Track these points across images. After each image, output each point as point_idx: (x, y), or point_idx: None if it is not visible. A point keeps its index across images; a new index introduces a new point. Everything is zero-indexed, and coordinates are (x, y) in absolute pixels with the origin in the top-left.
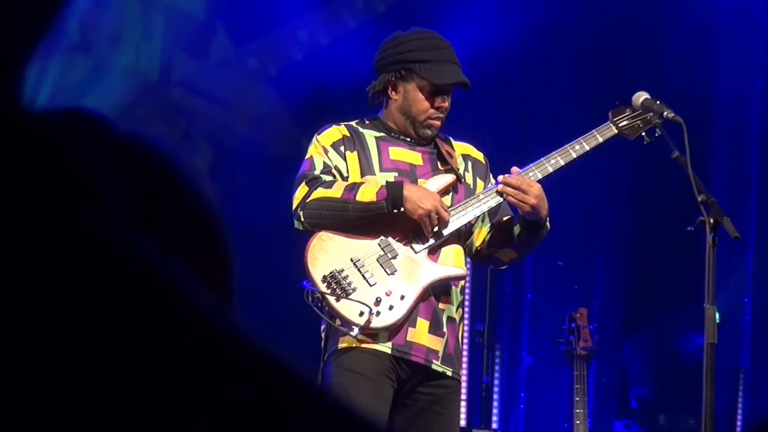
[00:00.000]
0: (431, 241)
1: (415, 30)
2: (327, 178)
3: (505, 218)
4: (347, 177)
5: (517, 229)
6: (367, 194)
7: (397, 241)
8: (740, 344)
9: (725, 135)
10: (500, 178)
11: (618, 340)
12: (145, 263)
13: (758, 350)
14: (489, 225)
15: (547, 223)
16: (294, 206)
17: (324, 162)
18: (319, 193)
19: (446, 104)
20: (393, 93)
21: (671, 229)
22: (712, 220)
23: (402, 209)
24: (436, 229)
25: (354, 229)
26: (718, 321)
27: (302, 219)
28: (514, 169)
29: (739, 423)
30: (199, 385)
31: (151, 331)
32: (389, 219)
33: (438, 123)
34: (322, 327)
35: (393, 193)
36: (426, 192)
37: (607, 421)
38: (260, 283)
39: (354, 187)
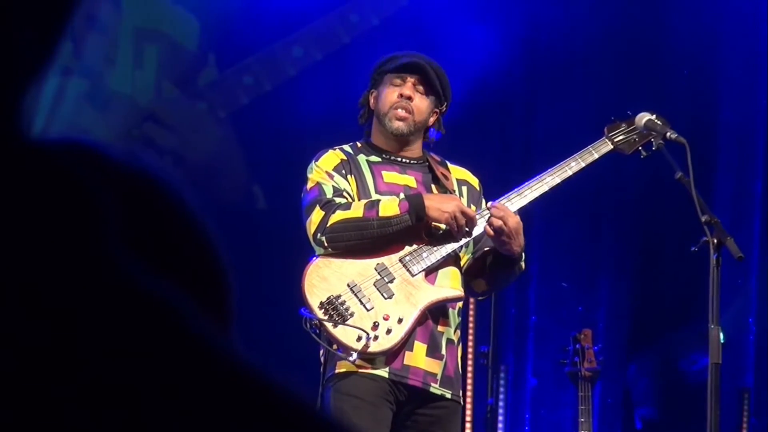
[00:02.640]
0: (462, 241)
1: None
2: (341, 200)
3: (486, 248)
4: (354, 199)
5: (489, 259)
6: (389, 209)
7: (393, 265)
8: (745, 364)
9: (729, 154)
10: (489, 204)
11: (622, 360)
12: (142, 287)
13: (763, 370)
14: (471, 253)
15: (522, 262)
16: (312, 232)
17: (333, 186)
18: (339, 215)
19: (408, 92)
20: (372, 101)
21: (675, 250)
22: (715, 241)
23: (425, 219)
24: (466, 229)
25: (352, 255)
26: (722, 341)
27: (325, 243)
28: (490, 203)
29: None
30: (198, 409)
31: (149, 354)
32: (385, 243)
33: (403, 114)
34: (321, 352)
35: (415, 203)
36: (444, 196)
37: None
38: (258, 310)
39: (373, 204)
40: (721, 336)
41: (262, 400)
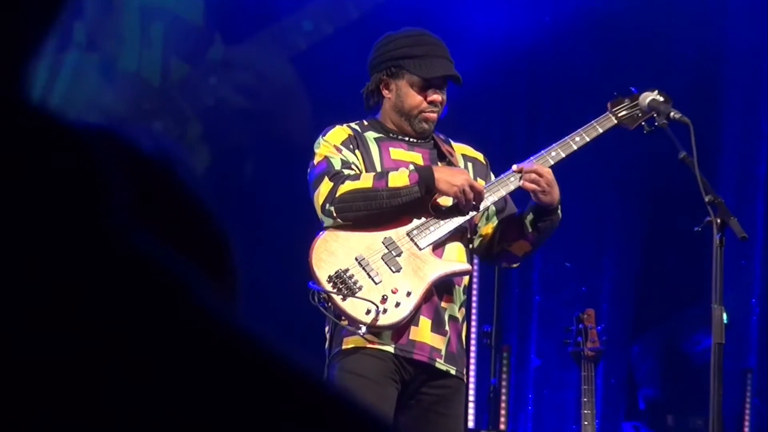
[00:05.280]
0: (469, 215)
1: (404, 29)
2: (349, 172)
3: (511, 213)
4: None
5: (529, 217)
6: (399, 179)
7: (401, 239)
8: (748, 345)
9: (733, 135)
10: (515, 167)
11: (626, 341)
12: (152, 261)
13: (766, 351)
14: (496, 222)
15: (559, 211)
16: (320, 203)
17: (341, 159)
18: (348, 185)
19: (439, 98)
20: (386, 91)
21: (679, 230)
22: (719, 221)
23: (434, 191)
24: (473, 203)
25: (359, 228)
26: (725, 321)
27: (334, 214)
28: (515, 166)
29: (747, 424)
30: (203, 384)
31: (155, 328)
32: (392, 216)
33: (433, 116)
34: (327, 328)
35: (425, 175)
36: (454, 169)
37: (615, 422)
38: (265, 286)
39: (383, 175)
40: (725, 316)
41: (266, 372)
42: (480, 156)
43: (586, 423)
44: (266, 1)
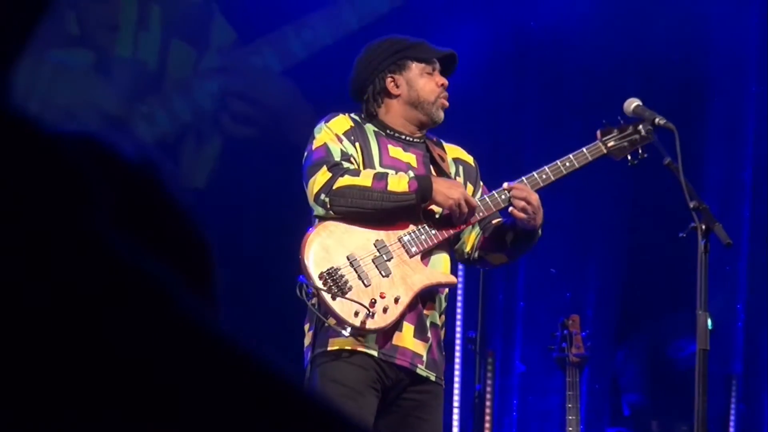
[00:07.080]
0: (459, 228)
1: (385, 37)
2: (349, 166)
3: (494, 221)
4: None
5: (510, 236)
6: (399, 185)
7: (392, 243)
8: (733, 351)
9: (719, 141)
10: (505, 185)
11: (610, 346)
12: (131, 264)
13: (751, 357)
14: (478, 229)
15: (539, 231)
16: (315, 191)
17: (341, 150)
18: (347, 180)
19: (446, 81)
20: (394, 88)
21: (664, 236)
22: (704, 227)
23: (429, 201)
24: (465, 217)
25: (352, 224)
26: (710, 327)
27: (328, 205)
28: (506, 184)
29: (731, 430)
30: (182, 387)
31: (136, 332)
32: (384, 218)
33: (446, 102)
34: (307, 325)
35: (423, 185)
36: (452, 182)
37: (599, 428)
38: (251, 282)
39: (383, 177)
40: (709, 322)
41: (249, 376)
42: (470, 159)
43: (570, 429)
44: None
